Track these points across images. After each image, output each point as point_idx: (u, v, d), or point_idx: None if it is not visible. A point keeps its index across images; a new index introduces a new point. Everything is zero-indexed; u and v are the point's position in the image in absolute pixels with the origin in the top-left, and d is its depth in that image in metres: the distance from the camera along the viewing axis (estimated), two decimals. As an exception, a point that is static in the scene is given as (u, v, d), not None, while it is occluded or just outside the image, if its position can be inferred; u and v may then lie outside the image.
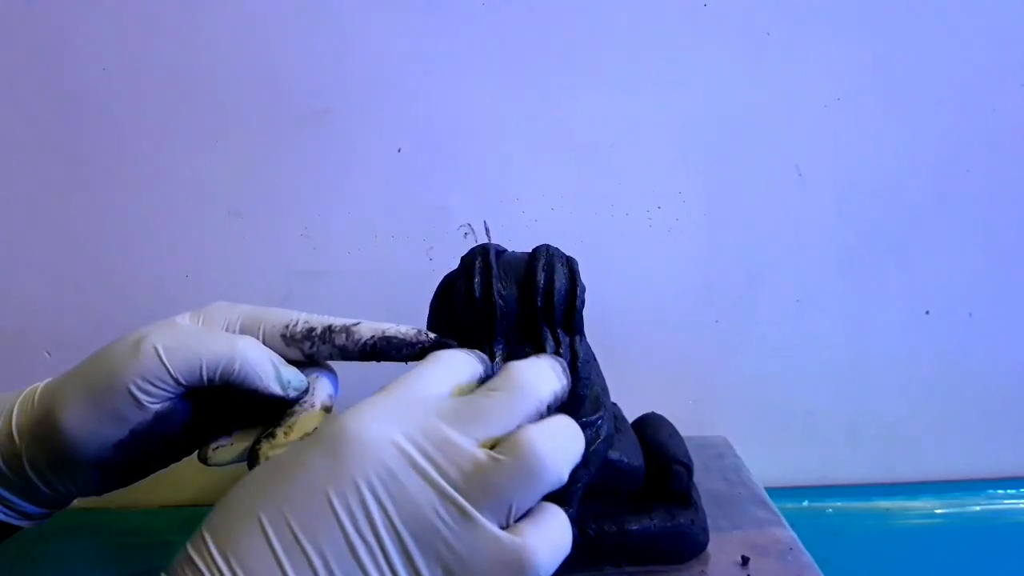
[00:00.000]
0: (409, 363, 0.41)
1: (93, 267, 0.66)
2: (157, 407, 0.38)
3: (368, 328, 0.41)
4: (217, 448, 0.41)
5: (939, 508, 0.69)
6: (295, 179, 0.65)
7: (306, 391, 0.41)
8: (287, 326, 0.42)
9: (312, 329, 0.41)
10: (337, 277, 0.66)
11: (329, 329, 0.41)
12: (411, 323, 0.51)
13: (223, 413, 0.42)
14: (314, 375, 0.43)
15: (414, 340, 0.41)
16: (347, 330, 0.41)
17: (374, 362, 0.42)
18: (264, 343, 0.42)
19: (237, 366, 0.39)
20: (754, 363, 0.69)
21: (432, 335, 0.42)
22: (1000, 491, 0.70)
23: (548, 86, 0.64)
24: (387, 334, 0.41)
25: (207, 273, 0.65)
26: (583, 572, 0.47)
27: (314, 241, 0.66)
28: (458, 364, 0.36)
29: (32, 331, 0.66)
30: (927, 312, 0.69)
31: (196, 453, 0.42)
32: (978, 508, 0.70)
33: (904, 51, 0.64)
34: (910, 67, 0.65)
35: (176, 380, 0.38)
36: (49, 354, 0.67)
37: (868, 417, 0.71)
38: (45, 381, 0.42)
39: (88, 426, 0.38)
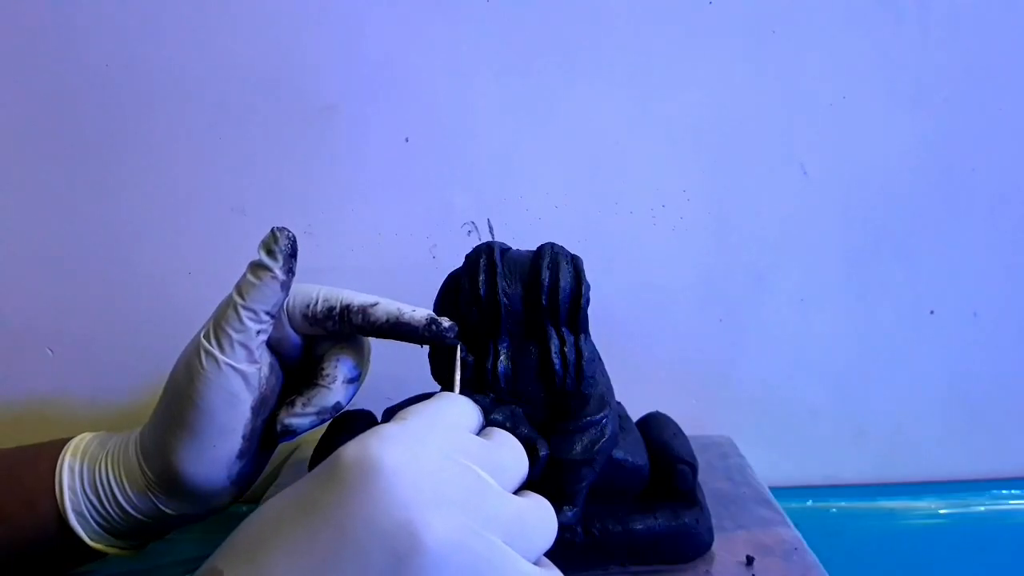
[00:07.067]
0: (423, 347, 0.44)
1: (95, 264, 0.65)
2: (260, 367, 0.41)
3: (383, 311, 0.42)
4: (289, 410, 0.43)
5: (943, 508, 0.69)
6: (298, 176, 0.64)
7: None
8: (308, 305, 0.43)
9: (332, 308, 0.43)
10: (340, 274, 0.66)
11: (347, 309, 0.42)
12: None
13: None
14: (337, 350, 0.44)
15: (421, 330, 0.42)
16: (364, 311, 0.42)
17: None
18: (290, 323, 0.43)
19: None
20: (758, 362, 0.69)
21: (439, 327, 0.42)
22: (1004, 491, 0.70)
23: (551, 84, 0.64)
24: (401, 319, 0.42)
25: (210, 271, 0.65)
26: (587, 571, 0.47)
27: (317, 238, 0.65)
28: (469, 411, 0.38)
29: (35, 329, 0.66)
30: (932, 312, 0.69)
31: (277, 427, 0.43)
32: (982, 508, 0.69)
33: (910, 49, 0.64)
34: (916, 66, 0.64)
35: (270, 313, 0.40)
36: (52, 351, 0.67)
37: (872, 417, 0.71)
38: (96, 434, 0.45)
39: (204, 465, 0.41)
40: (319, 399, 0.42)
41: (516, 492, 0.35)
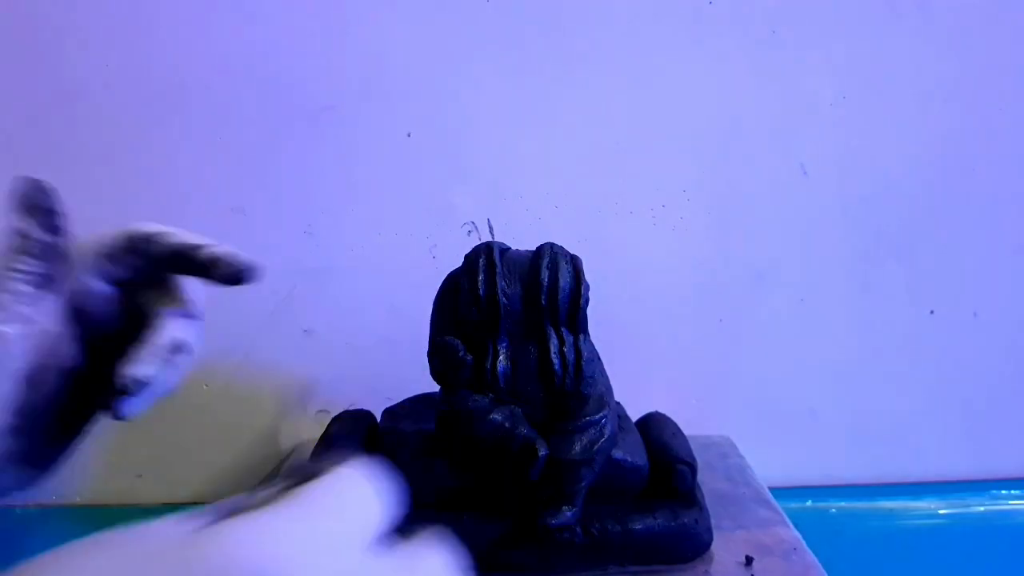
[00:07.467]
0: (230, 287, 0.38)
1: (96, 264, 0.65)
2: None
3: (170, 240, 0.38)
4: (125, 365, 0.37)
5: (942, 508, 0.69)
6: (298, 176, 0.64)
7: None
8: (102, 243, 0.39)
9: (126, 238, 0.39)
10: (340, 274, 0.66)
11: (135, 236, 0.39)
12: (416, 322, 0.51)
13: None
14: (159, 295, 0.39)
15: (201, 262, 0.38)
16: (150, 238, 0.38)
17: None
18: (90, 269, 0.39)
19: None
20: (758, 362, 0.69)
21: (227, 265, 0.38)
22: (1004, 491, 0.70)
23: (552, 84, 0.64)
24: (183, 250, 0.38)
25: (210, 270, 0.65)
26: (587, 572, 0.47)
27: (317, 238, 0.65)
28: (371, 507, 0.24)
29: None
30: (932, 312, 0.69)
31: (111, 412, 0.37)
32: (982, 509, 0.69)
33: (910, 49, 0.64)
34: (915, 65, 0.64)
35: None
36: (51, 351, 0.67)
37: (872, 417, 0.71)
38: None
39: None
40: (153, 337, 0.37)
41: None
